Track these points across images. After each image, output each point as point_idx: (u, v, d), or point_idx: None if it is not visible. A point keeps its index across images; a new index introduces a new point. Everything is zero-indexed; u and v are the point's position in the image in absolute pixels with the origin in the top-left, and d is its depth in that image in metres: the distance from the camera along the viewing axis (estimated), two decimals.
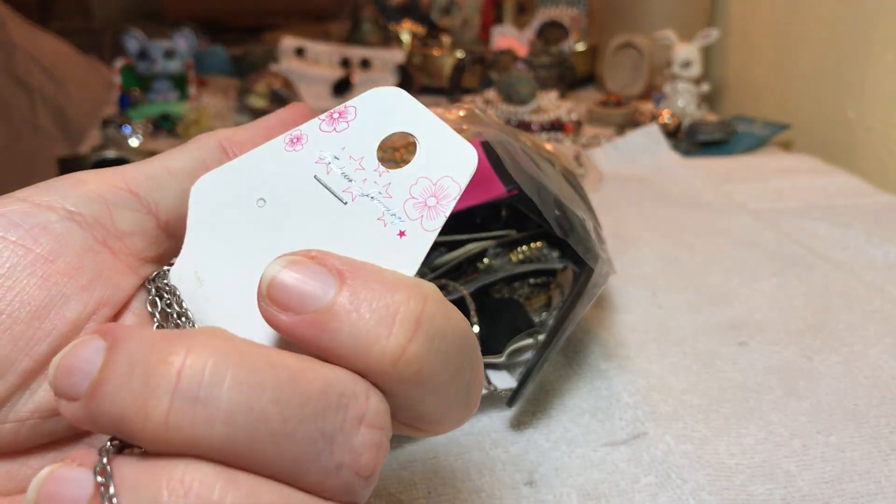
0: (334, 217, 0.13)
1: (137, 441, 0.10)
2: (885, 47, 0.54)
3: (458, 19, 0.81)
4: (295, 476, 0.11)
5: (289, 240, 0.13)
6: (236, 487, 0.10)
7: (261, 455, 0.10)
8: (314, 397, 0.10)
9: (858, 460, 0.24)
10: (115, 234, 0.13)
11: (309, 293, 0.11)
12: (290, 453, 0.10)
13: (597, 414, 0.26)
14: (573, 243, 0.25)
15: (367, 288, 0.11)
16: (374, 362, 0.11)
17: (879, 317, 0.33)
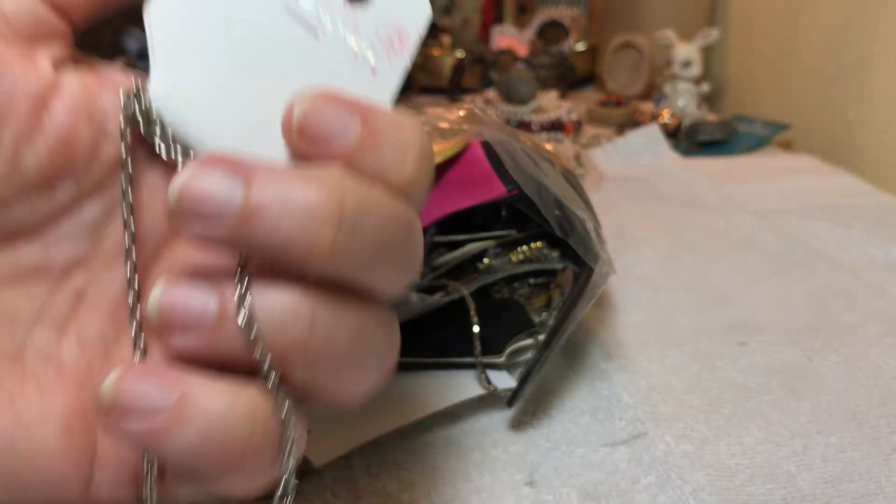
0: (308, 52, 0.13)
1: (298, 266, 0.11)
2: (886, 48, 0.54)
3: (458, 19, 0.81)
4: (394, 288, 0.13)
5: (266, 71, 0.13)
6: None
7: (381, 275, 0.12)
8: (412, 224, 0.12)
9: (859, 460, 0.24)
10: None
11: (337, 130, 0.12)
12: (401, 271, 0.12)
13: (597, 414, 0.26)
14: (573, 243, 0.25)
15: (383, 122, 0.12)
16: (402, 185, 0.12)
17: (880, 317, 0.32)
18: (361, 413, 0.25)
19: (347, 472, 0.23)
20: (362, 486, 0.23)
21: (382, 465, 0.23)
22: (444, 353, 0.27)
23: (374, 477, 0.23)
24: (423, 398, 0.25)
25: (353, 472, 0.23)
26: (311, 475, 0.23)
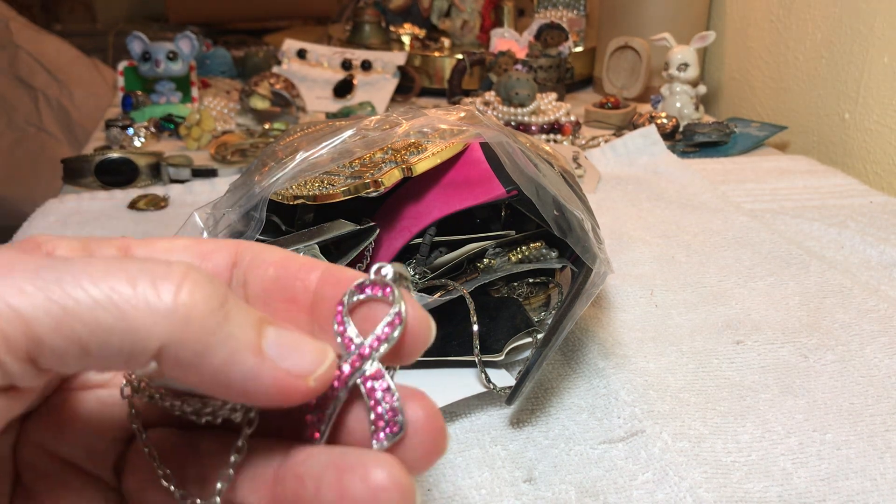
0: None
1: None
2: (881, 49, 0.54)
3: (457, 22, 0.82)
4: None
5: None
6: None
7: None
8: None
9: (854, 458, 0.24)
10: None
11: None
12: None
13: (595, 412, 0.26)
14: (571, 243, 0.25)
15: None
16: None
17: (874, 316, 0.33)
18: None
19: None
20: None
21: None
22: (444, 351, 0.27)
23: None
24: None
25: None
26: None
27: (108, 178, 0.49)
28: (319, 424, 0.14)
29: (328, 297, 0.15)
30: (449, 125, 0.29)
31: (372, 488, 0.13)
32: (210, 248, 0.15)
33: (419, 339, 0.14)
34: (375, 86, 0.73)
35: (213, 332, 0.12)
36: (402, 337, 0.14)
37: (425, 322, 0.15)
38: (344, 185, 0.27)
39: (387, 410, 0.14)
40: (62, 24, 1.38)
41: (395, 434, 0.14)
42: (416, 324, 0.14)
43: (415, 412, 0.14)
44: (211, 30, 1.00)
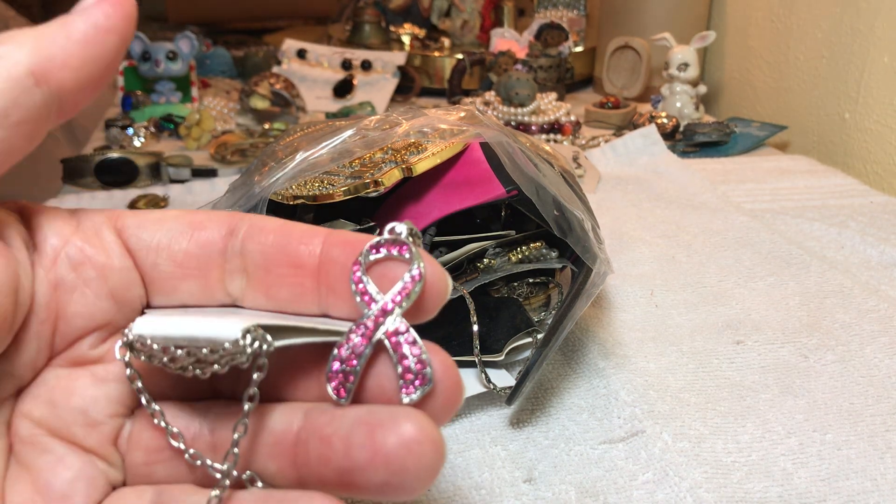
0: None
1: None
2: (881, 49, 0.54)
3: (457, 21, 0.82)
4: None
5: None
6: None
7: None
8: None
9: (854, 458, 0.24)
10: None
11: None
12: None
13: (595, 412, 0.26)
14: (571, 243, 0.25)
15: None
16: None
17: (875, 316, 0.33)
18: None
19: None
20: None
21: None
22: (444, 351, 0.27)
23: None
24: None
25: None
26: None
27: (108, 178, 0.49)
28: (346, 383, 0.14)
29: (336, 259, 0.14)
30: (449, 125, 0.28)
31: (405, 443, 0.12)
32: (202, 218, 0.15)
33: (437, 294, 0.15)
34: (375, 86, 0.72)
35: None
36: (422, 293, 0.14)
37: (442, 277, 0.15)
38: (344, 185, 0.27)
39: (415, 363, 0.14)
40: None
41: (424, 386, 0.14)
42: (434, 279, 0.14)
43: (435, 365, 0.14)
44: (211, 29, 1.00)
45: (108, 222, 0.15)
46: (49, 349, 0.14)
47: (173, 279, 0.15)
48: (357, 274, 0.14)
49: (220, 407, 0.15)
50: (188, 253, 0.15)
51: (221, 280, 0.15)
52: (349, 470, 0.13)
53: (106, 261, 0.15)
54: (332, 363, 0.14)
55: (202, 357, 0.13)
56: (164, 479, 0.15)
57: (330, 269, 0.15)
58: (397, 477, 0.13)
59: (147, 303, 0.15)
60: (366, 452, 0.13)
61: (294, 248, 0.15)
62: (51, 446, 0.14)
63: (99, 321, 0.15)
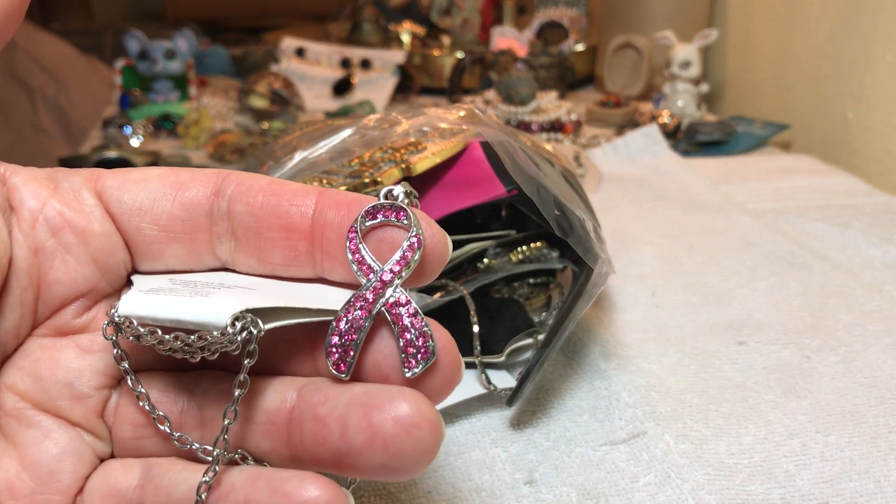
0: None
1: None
2: (885, 48, 0.54)
3: (457, 20, 0.82)
4: None
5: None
6: None
7: None
8: None
9: (857, 459, 0.24)
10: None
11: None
12: None
13: (596, 413, 0.26)
14: (573, 243, 0.25)
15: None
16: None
17: (878, 316, 0.33)
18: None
19: None
20: (362, 485, 0.23)
21: None
22: None
23: None
24: None
25: None
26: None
27: None
28: (346, 357, 0.13)
29: (331, 221, 0.14)
30: (449, 124, 0.28)
31: (403, 425, 0.12)
32: (186, 177, 0.14)
33: (437, 257, 0.14)
34: (375, 84, 0.72)
35: None
36: (421, 257, 0.14)
37: (442, 240, 0.14)
38: (343, 184, 0.27)
39: (417, 336, 0.13)
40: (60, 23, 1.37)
41: (427, 360, 0.13)
42: (433, 242, 0.14)
43: (436, 339, 0.13)
44: (209, 28, 1.00)
45: (87, 183, 0.14)
46: (32, 317, 0.14)
47: (158, 243, 0.14)
48: (353, 242, 0.14)
49: (210, 380, 0.14)
50: (172, 215, 0.14)
51: (209, 243, 0.14)
52: (346, 452, 0.13)
53: (86, 225, 0.14)
54: (332, 337, 0.14)
55: (191, 343, 0.13)
56: (153, 453, 0.14)
57: (324, 233, 0.14)
58: (395, 459, 0.12)
59: (132, 268, 0.15)
60: (363, 435, 0.12)
61: (285, 210, 0.14)
62: (37, 420, 0.14)
63: (82, 288, 0.14)
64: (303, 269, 0.14)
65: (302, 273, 0.14)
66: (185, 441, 0.14)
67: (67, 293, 0.14)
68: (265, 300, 0.13)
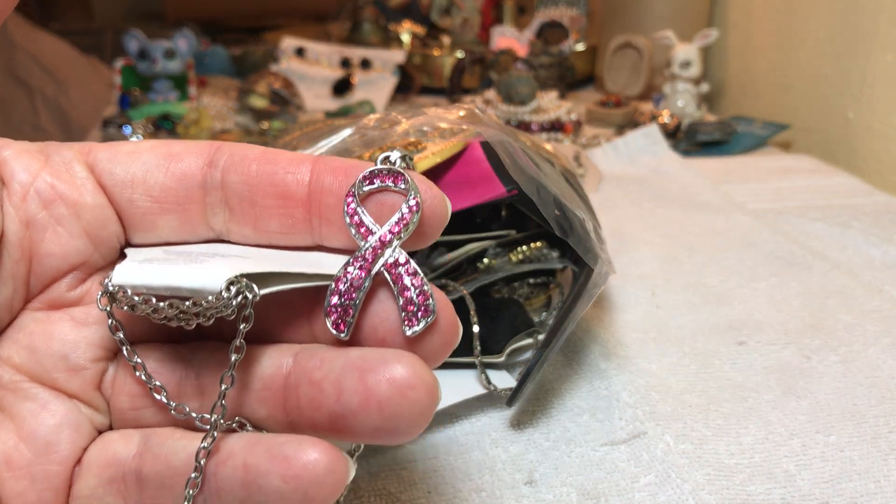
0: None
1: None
2: (885, 47, 0.54)
3: (457, 20, 0.81)
4: None
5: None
6: None
7: None
8: None
9: (857, 460, 0.24)
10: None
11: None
12: None
13: (596, 413, 0.26)
14: (573, 243, 0.25)
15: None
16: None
17: (878, 316, 0.33)
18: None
19: None
20: (362, 485, 0.23)
21: (382, 465, 0.23)
22: None
23: (374, 477, 0.23)
24: None
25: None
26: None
27: None
28: (345, 317, 0.13)
29: (328, 187, 0.14)
30: (449, 124, 0.28)
31: (399, 387, 0.12)
32: (179, 149, 0.14)
33: (436, 219, 0.14)
34: (375, 84, 0.72)
35: None
36: (420, 219, 0.14)
37: (441, 201, 0.14)
38: None
39: (417, 295, 0.13)
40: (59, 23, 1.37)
41: (427, 318, 0.13)
42: (433, 204, 0.14)
43: (435, 299, 0.13)
44: (209, 27, 1.00)
45: (78, 156, 0.14)
46: (25, 290, 0.14)
47: (151, 215, 0.14)
48: (351, 206, 0.14)
49: (207, 350, 0.14)
50: (165, 187, 0.14)
51: (203, 214, 0.14)
52: (341, 415, 0.13)
53: (78, 197, 0.14)
54: (331, 297, 0.13)
55: (185, 309, 0.13)
56: (151, 424, 0.14)
57: (322, 199, 0.14)
58: (390, 422, 0.12)
59: (126, 241, 0.15)
60: (358, 397, 0.12)
61: (280, 178, 0.14)
62: (33, 392, 0.14)
63: (74, 261, 0.14)
64: (300, 237, 0.14)
65: (299, 241, 0.14)
66: (182, 410, 0.14)
67: (60, 266, 0.14)
68: (261, 266, 0.13)
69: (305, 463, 0.12)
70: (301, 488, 0.12)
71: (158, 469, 0.13)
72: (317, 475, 0.12)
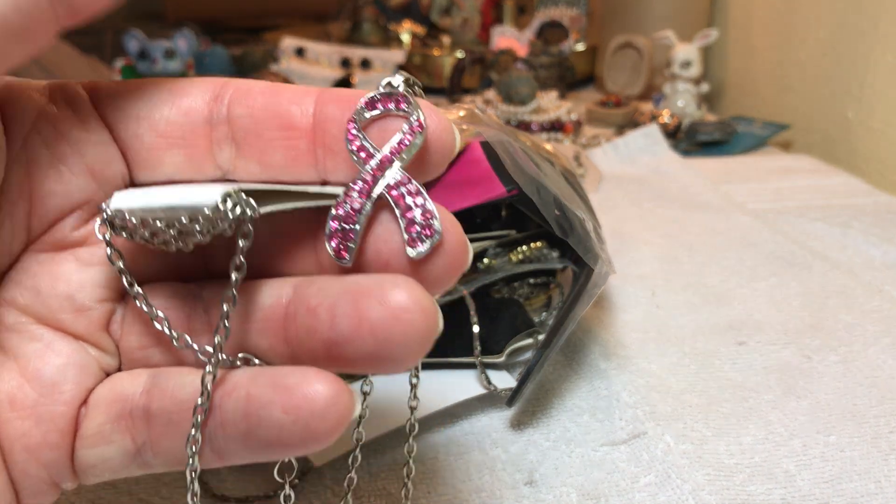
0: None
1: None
2: (885, 47, 0.54)
3: (457, 19, 0.81)
4: None
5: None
6: None
7: None
8: None
9: (858, 460, 0.24)
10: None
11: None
12: None
13: (596, 413, 0.26)
14: (573, 243, 0.25)
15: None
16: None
17: (878, 316, 0.33)
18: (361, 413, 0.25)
19: (347, 472, 0.23)
20: (362, 486, 0.23)
21: (382, 465, 0.23)
22: (444, 352, 0.27)
23: (374, 477, 0.23)
24: (423, 398, 0.25)
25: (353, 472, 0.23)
26: (311, 475, 0.23)
27: None
28: (346, 242, 0.13)
29: (332, 117, 0.13)
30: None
31: (392, 310, 0.12)
32: (183, 84, 0.14)
33: (443, 146, 0.13)
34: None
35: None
36: (425, 146, 0.13)
37: (447, 127, 0.13)
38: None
39: (420, 214, 0.13)
40: None
41: (432, 238, 0.13)
42: (437, 129, 0.13)
43: (441, 219, 0.13)
44: (209, 27, 1.00)
45: (81, 93, 0.14)
46: (25, 232, 0.14)
47: (156, 150, 0.14)
48: (352, 132, 0.13)
49: (215, 287, 0.14)
50: (171, 121, 0.14)
51: (209, 150, 0.14)
52: (335, 342, 0.12)
53: (80, 134, 0.14)
54: (331, 223, 0.13)
55: (182, 227, 0.12)
56: (160, 364, 0.14)
57: (326, 128, 0.13)
58: (384, 347, 0.12)
59: (130, 179, 0.14)
60: (350, 322, 0.12)
61: (285, 109, 0.14)
62: (38, 333, 0.14)
63: (77, 200, 0.14)
64: (305, 171, 0.14)
65: (304, 175, 0.14)
66: (185, 341, 0.14)
67: (62, 205, 0.14)
68: (260, 186, 0.13)
69: (307, 394, 0.12)
70: (302, 420, 0.12)
71: (165, 404, 0.13)
72: (319, 407, 0.12)
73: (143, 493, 0.22)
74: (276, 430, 0.12)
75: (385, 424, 0.24)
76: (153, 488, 0.22)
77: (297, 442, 0.12)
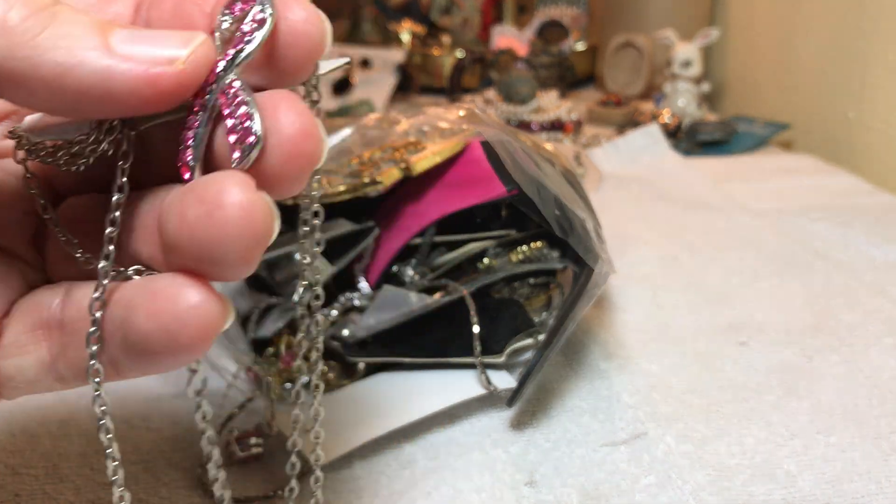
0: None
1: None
2: (886, 47, 0.54)
3: (457, 19, 0.81)
4: None
5: None
6: None
7: None
8: None
9: (859, 460, 0.24)
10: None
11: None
12: None
13: (597, 414, 0.26)
14: (573, 243, 0.25)
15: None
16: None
17: (880, 316, 0.32)
18: (362, 413, 0.25)
19: (347, 472, 0.23)
20: (362, 485, 0.23)
21: (382, 465, 0.23)
22: (445, 353, 0.27)
23: (374, 477, 0.23)
24: (423, 398, 0.25)
25: (353, 472, 0.23)
26: (310, 475, 0.23)
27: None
28: (185, 159, 0.13)
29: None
30: (449, 123, 0.28)
31: (207, 207, 0.11)
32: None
33: (304, 39, 0.12)
34: (375, 84, 0.72)
35: (37, 34, 0.11)
36: (275, 42, 0.12)
37: (311, 20, 0.12)
38: (343, 183, 0.27)
39: (238, 121, 0.12)
40: None
41: (251, 146, 0.12)
42: (295, 21, 0.12)
43: (282, 117, 0.12)
44: None
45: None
46: None
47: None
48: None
49: (130, 197, 0.14)
50: None
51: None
52: (168, 245, 0.12)
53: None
54: (181, 142, 0.13)
55: (72, 151, 0.13)
56: (79, 278, 0.14)
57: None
58: (206, 248, 0.11)
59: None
60: (175, 224, 0.12)
61: (188, 11, 0.13)
62: None
63: (2, 109, 0.14)
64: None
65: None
66: (92, 261, 0.13)
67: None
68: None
69: (171, 297, 0.12)
70: (164, 326, 0.12)
71: (72, 314, 0.13)
72: (182, 313, 0.11)
73: (143, 493, 0.22)
74: (143, 337, 0.12)
75: (385, 424, 0.24)
76: (153, 488, 0.22)
77: (161, 349, 0.12)
